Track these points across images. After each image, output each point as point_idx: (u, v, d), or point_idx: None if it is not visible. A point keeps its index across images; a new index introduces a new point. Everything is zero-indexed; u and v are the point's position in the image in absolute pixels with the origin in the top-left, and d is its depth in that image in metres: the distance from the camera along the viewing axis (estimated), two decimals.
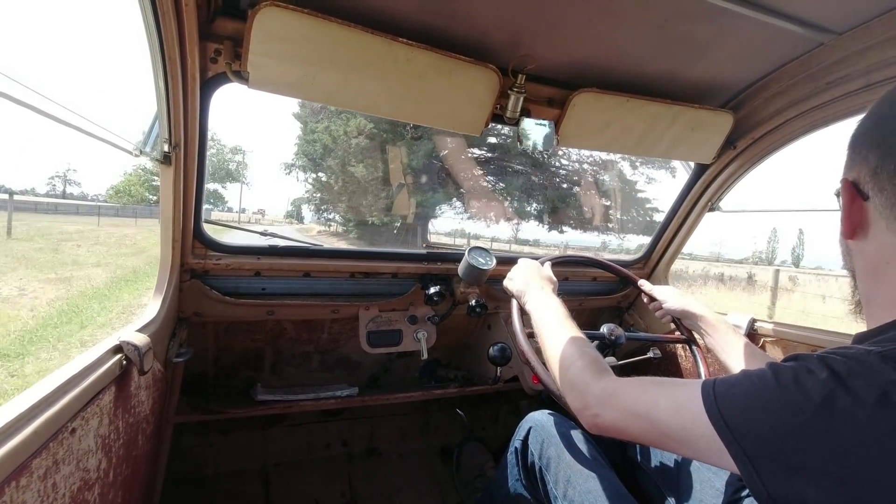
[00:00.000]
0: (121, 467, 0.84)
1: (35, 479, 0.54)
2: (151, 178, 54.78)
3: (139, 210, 46.29)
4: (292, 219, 69.19)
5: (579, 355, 0.80)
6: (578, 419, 0.75)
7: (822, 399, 0.46)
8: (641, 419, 0.63)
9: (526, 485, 1.13)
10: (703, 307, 1.14)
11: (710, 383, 0.56)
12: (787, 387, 0.49)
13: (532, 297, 1.04)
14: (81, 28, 63.13)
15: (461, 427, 2.00)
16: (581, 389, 0.74)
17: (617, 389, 0.69)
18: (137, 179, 54.52)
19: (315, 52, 0.98)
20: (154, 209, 44.78)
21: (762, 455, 0.49)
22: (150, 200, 55.42)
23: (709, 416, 0.53)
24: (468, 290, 1.53)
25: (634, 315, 1.94)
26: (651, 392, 0.64)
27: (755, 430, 0.50)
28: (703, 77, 1.28)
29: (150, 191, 56.57)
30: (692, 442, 0.57)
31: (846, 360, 0.48)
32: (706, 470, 1.05)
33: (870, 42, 1.03)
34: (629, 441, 0.82)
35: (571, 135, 1.32)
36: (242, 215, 70.33)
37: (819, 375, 0.48)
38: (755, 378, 0.53)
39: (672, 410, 0.59)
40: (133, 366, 0.83)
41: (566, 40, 1.11)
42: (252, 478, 1.71)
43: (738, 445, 0.50)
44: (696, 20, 1.02)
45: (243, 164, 57.62)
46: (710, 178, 1.59)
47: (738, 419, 0.51)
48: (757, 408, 0.50)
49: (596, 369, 0.75)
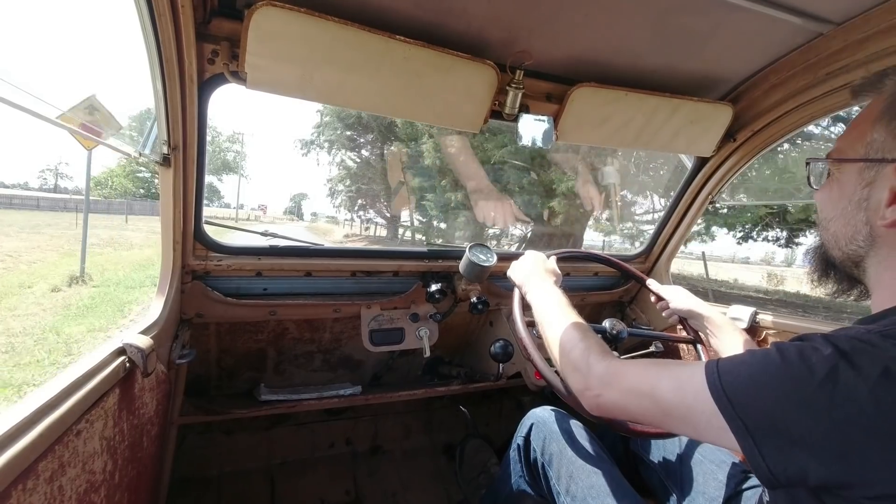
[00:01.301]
0: (126, 469, 0.85)
1: (41, 481, 0.54)
2: (137, 169, 49.93)
3: (113, 205, 39.70)
4: (293, 215, 66.29)
5: (581, 338, 0.80)
6: (580, 400, 0.75)
7: (825, 373, 0.47)
8: (644, 397, 0.64)
9: (529, 481, 1.14)
10: (710, 308, 1.14)
11: (713, 362, 0.57)
12: (791, 361, 0.50)
13: (535, 287, 1.04)
14: (79, 30, 62.96)
15: (464, 424, 2.00)
16: (583, 370, 0.75)
17: (620, 369, 0.70)
18: (121, 170, 50.46)
19: (312, 52, 0.98)
20: (137, 204, 41.39)
21: (764, 428, 0.49)
22: (135, 193, 50.71)
23: (711, 391, 0.54)
24: (470, 288, 1.53)
25: (636, 310, 1.94)
26: (653, 371, 0.65)
27: (757, 403, 0.50)
28: (702, 69, 1.28)
29: (136, 183, 51.81)
30: (693, 419, 0.57)
31: (850, 339, 0.49)
32: (709, 463, 1.05)
33: (869, 32, 1.03)
34: (631, 421, 0.82)
35: (570, 130, 1.32)
36: (241, 212, 65.15)
37: (823, 351, 0.49)
38: (759, 355, 0.54)
39: (674, 388, 0.60)
40: (136, 368, 0.83)
41: (563, 35, 1.11)
42: (257, 478, 1.72)
43: (740, 420, 0.51)
44: (693, 12, 1.02)
45: (241, 154, 53.35)
46: (711, 171, 1.59)
47: (740, 393, 0.52)
48: (760, 382, 0.51)
49: (598, 351, 0.76)
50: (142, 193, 51.29)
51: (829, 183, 0.66)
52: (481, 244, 1.52)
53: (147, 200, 46.83)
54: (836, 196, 0.64)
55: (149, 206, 42.13)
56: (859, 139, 0.61)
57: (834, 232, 0.65)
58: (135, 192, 50.95)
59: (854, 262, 0.64)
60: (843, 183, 0.63)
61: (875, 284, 0.62)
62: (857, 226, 0.61)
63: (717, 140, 1.45)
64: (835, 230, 0.65)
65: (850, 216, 0.62)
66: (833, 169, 0.66)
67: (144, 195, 50.89)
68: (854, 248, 0.62)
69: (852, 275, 0.66)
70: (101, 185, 50.00)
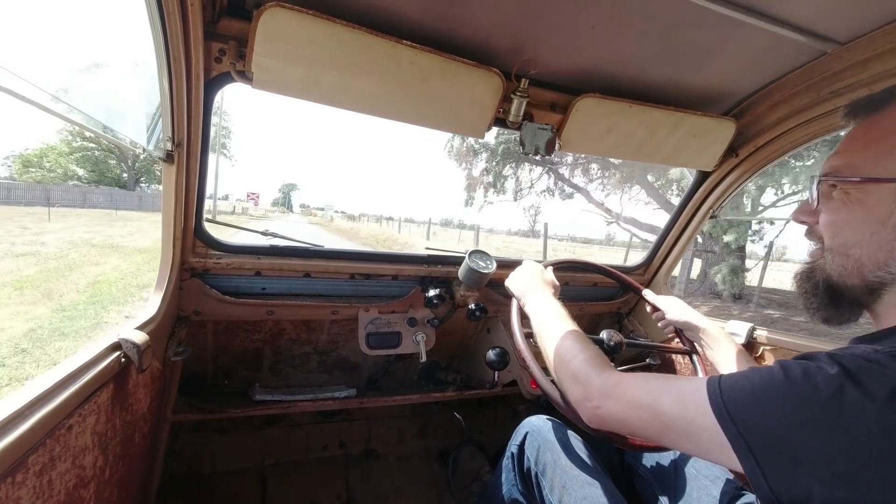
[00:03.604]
0: (117, 465, 0.84)
1: (31, 475, 0.54)
2: (85, 147, 37.20)
3: (54, 194, 25.92)
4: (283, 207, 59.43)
5: (581, 349, 0.79)
6: (578, 411, 0.74)
7: (831, 393, 0.46)
8: (644, 410, 0.62)
9: (522, 490, 1.13)
10: (706, 320, 1.14)
11: (715, 378, 0.56)
12: (795, 380, 0.49)
13: (533, 298, 1.04)
14: (87, 26, 62.39)
15: (459, 431, 2.00)
16: (583, 380, 0.73)
17: (621, 381, 0.69)
18: (67, 147, 36.82)
19: (319, 54, 0.98)
20: (76, 196, 29.51)
21: (766, 448, 0.48)
22: (79, 178, 37.90)
23: (713, 408, 0.53)
24: (468, 294, 1.53)
25: (634, 321, 1.93)
26: (655, 384, 0.64)
27: (760, 422, 0.49)
28: (706, 84, 1.29)
29: (80, 164, 37.87)
30: (695, 435, 0.56)
31: (855, 358, 0.48)
32: (703, 478, 1.04)
33: (873, 52, 1.03)
34: (629, 434, 0.81)
35: (573, 140, 1.32)
36: (225, 203, 54.92)
37: (829, 371, 0.47)
38: (763, 373, 0.52)
39: (676, 402, 0.59)
40: (131, 363, 0.83)
41: (569, 46, 1.12)
42: (249, 477, 1.71)
43: (742, 439, 0.49)
44: (699, 27, 1.03)
45: (226, 130, 42.90)
46: (712, 186, 1.59)
47: (743, 412, 0.50)
48: (763, 401, 0.50)
49: (598, 362, 0.75)
50: (87, 179, 38.93)
51: (847, 205, 0.60)
52: (480, 251, 1.52)
53: (99, 188, 34.86)
54: (861, 219, 0.59)
55: (105, 197, 31.61)
56: (888, 155, 0.57)
57: (858, 258, 0.59)
58: (83, 176, 38.89)
59: (871, 290, 0.59)
60: (869, 205, 0.58)
61: (889, 308, 0.58)
62: (893, 251, 0.55)
63: (719, 155, 1.46)
64: (860, 256, 0.59)
65: (885, 240, 0.56)
66: (851, 189, 0.60)
67: (95, 180, 38.81)
68: (882, 275, 0.57)
69: (860, 302, 0.62)
70: (32, 165, 35.43)
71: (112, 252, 10.24)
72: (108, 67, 0.95)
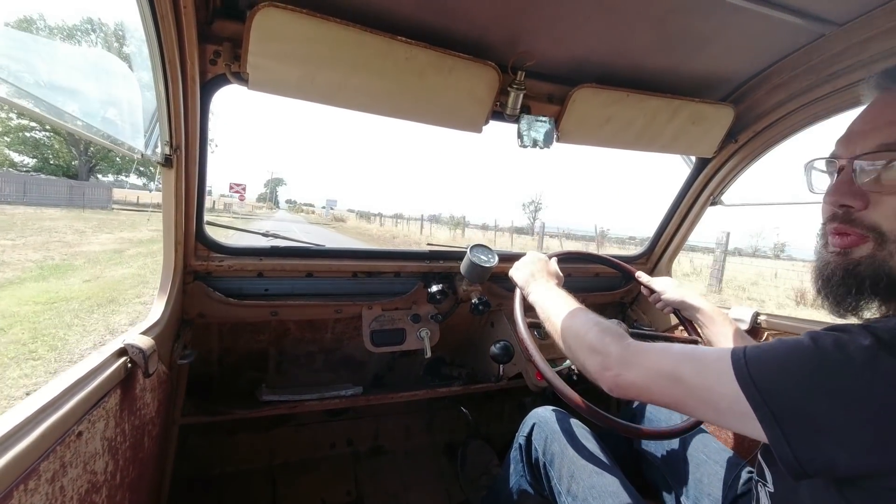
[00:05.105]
0: (128, 469, 0.84)
1: (43, 482, 0.54)
2: (29, 127, 30.08)
3: None
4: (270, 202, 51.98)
5: (595, 322, 0.79)
6: (598, 382, 0.73)
7: (864, 361, 0.45)
8: (665, 377, 0.62)
9: (530, 481, 1.14)
10: (702, 299, 1.14)
11: (740, 348, 0.55)
12: (826, 349, 0.48)
13: (537, 288, 1.04)
14: (80, 30, 61.46)
15: (466, 425, 2.00)
16: (601, 350, 0.73)
17: (640, 349, 0.68)
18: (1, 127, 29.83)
19: (314, 53, 0.98)
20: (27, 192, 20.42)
21: (793, 417, 0.47)
22: (22, 167, 31.34)
23: (736, 375, 0.52)
24: (471, 288, 1.53)
25: (637, 311, 1.93)
26: (676, 352, 0.63)
27: (786, 391, 0.48)
28: (704, 71, 1.28)
29: (26, 148, 31.30)
30: (715, 402, 0.55)
31: (892, 329, 0.47)
32: (713, 463, 1.05)
33: (871, 33, 1.03)
34: (649, 402, 0.80)
35: (572, 131, 1.32)
36: (206, 198, 50.46)
37: (862, 341, 0.47)
38: (791, 343, 0.51)
39: (697, 369, 0.58)
40: (138, 368, 0.83)
41: (565, 36, 1.11)
42: (258, 478, 1.72)
43: (767, 407, 0.49)
44: (695, 13, 1.02)
45: None
46: (712, 172, 1.59)
47: (768, 381, 0.50)
48: (791, 369, 0.49)
49: (615, 332, 0.75)
50: (31, 166, 31.89)
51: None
52: (482, 245, 1.52)
53: (39, 176, 27.06)
54: None
55: (60, 192, 22.56)
56: None
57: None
58: (20, 163, 32.04)
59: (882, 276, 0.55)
60: None
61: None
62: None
63: (718, 141, 1.45)
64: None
65: None
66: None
67: (33, 168, 31.67)
68: None
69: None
70: None
71: None
72: (104, 70, 0.94)
